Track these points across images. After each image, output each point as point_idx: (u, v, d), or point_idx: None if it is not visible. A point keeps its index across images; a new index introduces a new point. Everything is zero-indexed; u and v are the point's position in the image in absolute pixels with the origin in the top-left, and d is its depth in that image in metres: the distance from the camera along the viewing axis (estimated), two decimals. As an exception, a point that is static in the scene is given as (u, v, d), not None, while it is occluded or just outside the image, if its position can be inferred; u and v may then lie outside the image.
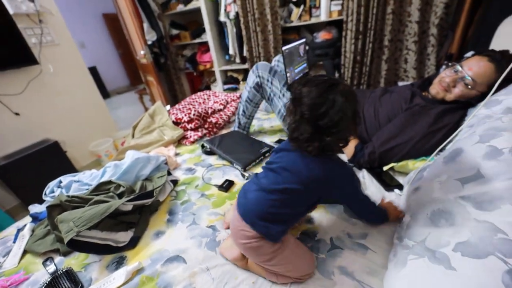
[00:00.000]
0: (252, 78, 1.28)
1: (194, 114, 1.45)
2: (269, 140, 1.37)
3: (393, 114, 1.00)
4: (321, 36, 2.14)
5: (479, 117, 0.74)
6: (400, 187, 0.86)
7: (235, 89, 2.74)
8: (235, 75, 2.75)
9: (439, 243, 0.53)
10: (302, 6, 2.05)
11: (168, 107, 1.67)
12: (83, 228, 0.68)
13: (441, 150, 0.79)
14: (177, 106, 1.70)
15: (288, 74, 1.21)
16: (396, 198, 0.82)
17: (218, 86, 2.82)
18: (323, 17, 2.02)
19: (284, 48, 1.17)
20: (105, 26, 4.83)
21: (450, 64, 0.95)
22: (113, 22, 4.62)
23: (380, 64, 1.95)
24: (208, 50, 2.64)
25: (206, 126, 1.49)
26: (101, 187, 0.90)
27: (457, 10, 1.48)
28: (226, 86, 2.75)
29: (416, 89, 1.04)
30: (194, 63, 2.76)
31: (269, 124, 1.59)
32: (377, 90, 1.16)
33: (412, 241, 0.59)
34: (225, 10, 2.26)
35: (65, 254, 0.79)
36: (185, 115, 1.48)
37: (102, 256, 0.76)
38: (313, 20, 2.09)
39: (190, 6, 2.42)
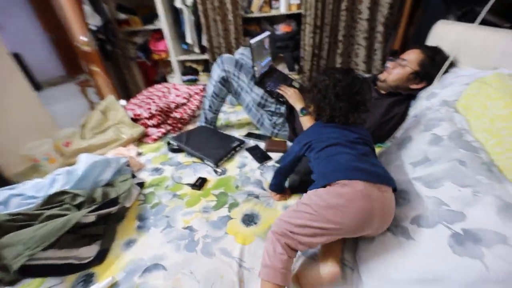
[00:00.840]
0: (217, 72, 1.23)
1: (155, 110, 1.34)
2: (238, 133, 1.36)
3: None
4: (281, 28, 2.18)
5: (422, 109, 0.87)
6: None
7: (195, 81, 2.61)
8: (194, 65, 2.62)
9: (400, 218, 0.62)
10: (262, -3, 2.04)
11: (123, 101, 1.51)
12: (37, 249, 0.59)
13: (392, 137, 0.91)
14: (133, 100, 1.55)
15: (255, 68, 1.21)
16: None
17: (175, 78, 2.65)
18: (282, 10, 2.05)
19: (252, 41, 1.16)
20: (30, 5, 4.01)
21: (391, 59, 1.10)
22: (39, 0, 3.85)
23: (335, 57, 2.09)
24: (162, 37, 2.43)
25: (169, 122, 1.40)
26: (53, 199, 0.78)
27: (399, 11, 1.66)
28: (185, 78, 2.60)
29: (371, 83, 1.16)
30: (147, 51, 2.52)
31: (236, 117, 1.58)
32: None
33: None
34: (181, -5, 2.10)
35: (12, 283, 0.67)
36: (145, 110, 1.36)
37: (64, 278, 0.67)
38: (273, 12, 2.10)
39: (140, -13, 2.17)
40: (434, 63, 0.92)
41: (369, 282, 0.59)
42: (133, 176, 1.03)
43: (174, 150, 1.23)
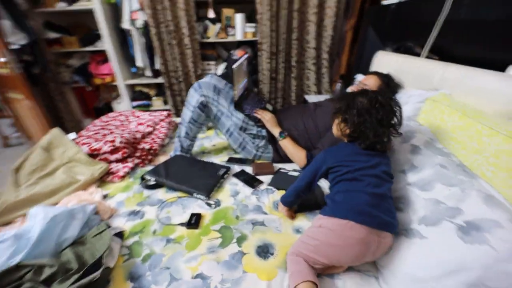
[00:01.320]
0: (195, 98, 1.18)
1: (120, 142, 1.16)
2: (217, 160, 1.30)
3: (329, 124, 1.20)
4: (238, 53, 2.26)
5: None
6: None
7: (148, 106, 2.41)
8: (145, 90, 2.41)
9: (406, 222, 0.70)
10: (218, 24, 2.09)
11: (72, 135, 1.25)
12: None
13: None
14: (84, 133, 1.30)
15: (235, 92, 1.21)
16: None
17: (123, 103, 2.37)
18: (239, 37, 2.15)
19: (234, 66, 1.17)
20: None
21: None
22: None
23: (290, 81, 2.29)
24: (106, 60, 2.18)
25: (137, 154, 1.23)
26: (4, 280, 0.56)
27: (340, 42, 1.98)
28: (135, 103, 2.36)
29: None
30: (87, 75, 2.20)
31: (210, 142, 1.51)
32: (309, 104, 1.36)
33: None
34: (130, 17, 1.96)
35: None
36: (105, 143, 1.16)
37: None
38: (230, 39, 2.18)
39: (78, 6, 1.92)
40: (389, 88, 1.12)
41: (397, 286, 0.63)
42: (108, 227, 0.84)
43: (150, 187, 1.07)
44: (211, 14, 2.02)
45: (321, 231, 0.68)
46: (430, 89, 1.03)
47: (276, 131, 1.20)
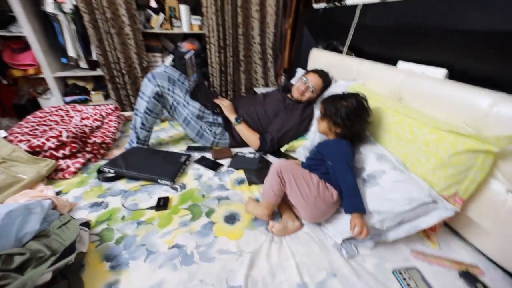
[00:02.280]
0: (150, 88, 1.19)
1: (67, 136, 1.09)
2: (176, 149, 1.35)
3: (277, 110, 1.38)
4: (186, 46, 2.26)
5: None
6: (296, 159, 1.26)
7: (85, 101, 2.18)
8: (81, 83, 2.18)
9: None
10: (162, 15, 2.04)
11: (2, 132, 1.10)
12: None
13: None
14: (17, 130, 1.16)
15: (190, 82, 1.27)
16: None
17: (54, 99, 2.09)
18: (185, 29, 2.15)
19: (186, 56, 1.22)
20: None
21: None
22: None
23: (240, 74, 2.42)
24: (25, 48, 1.87)
25: (88, 149, 1.17)
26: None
27: (281, 39, 2.20)
28: (69, 98, 2.11)
29: (282, 93, 1.50)
30: (1, 66, 1.85)
31: (166, 134, 1.53)
32: (259, 95, 1.52)
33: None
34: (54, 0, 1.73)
35: None
36: (47, 139, 1.07)
37: None
38: (176, 30, 2.15)
39: (-19, -19, 1.59)
40: (327, 85, 1.37)
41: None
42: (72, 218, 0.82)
43: (108, 179, 1.06)
44: (152, 3, 1.96)
45: (317, 192, 0.82)
46: (350, 79, 1.32)
47: (232, 116, 1.32)
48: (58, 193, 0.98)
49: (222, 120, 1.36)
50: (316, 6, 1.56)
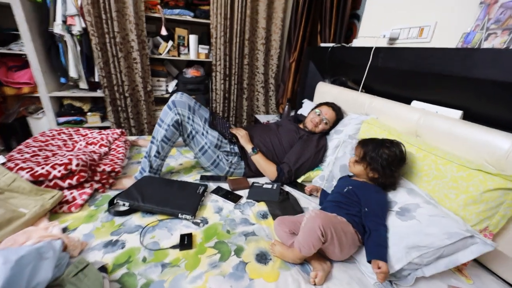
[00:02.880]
0: (170, 116, 1.16)
1: (77, 164, 1.00)
2: (189, 178, 1.29)
3: (292, 141, 1.40)
4: (191, 72, 2.29)
5: (338, 141, 1.32)
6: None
7: (81, 122, 2.07)
8: (77, 104, 2.08)
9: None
10: (171, 42, 2.08)
11: (1, 158, 0.98)
12: None
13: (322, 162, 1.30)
14: (17, 155, 1.04)
15: (210, 112, 1.26)
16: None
17: (45, 119, 1.96)
18: (192, 57, 2.19)
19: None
20: None
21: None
22: None
23: (242, 101, 2.47)
24: (23, 67, 1.78)
25: (97, 178, 1.08)
26: None
27: (285, 72, 2.31)
28: (63, 119, 1.99)
29: (295, 123, 1.54)
30: (-8, 83, 1.72)
31: (176, 162, 1.47)
32: (271, 124, 1.54)
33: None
34: (64, 21, 1.71)
35: None
36: (53, 167, 0.97)
37: None
38: (183, 57, 2.19)
39: (-13, -2, 1.53)
40: (339, 119, 1.43)
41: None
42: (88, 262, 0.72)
43: (121, 213, 0.97)
44: (163, 31, 2.00)
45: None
46: (362, 114, 1.39)
47: (249, 146, 1.31)
48: (64, 230, 0.87)
49: (238, 150, 1.35)
50: (323, 45, 1.69)
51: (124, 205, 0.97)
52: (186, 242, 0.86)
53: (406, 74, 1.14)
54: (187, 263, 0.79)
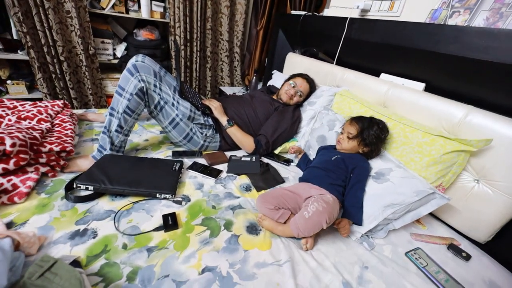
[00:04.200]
0: (133, 83, 0.99)
1: (13, 144, 0.78)
2: (160, 155, 1.17)
3: (268, 113, 1.37)
4: (144, 34, 1.97)
5: (314, 112, 1.35)
6: (290, 160, 1.29)
7: (0, 93, 1.62)
8: (-13, 68, 1.59)
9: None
10: (116, -6, 1.71)
11: None
12: None
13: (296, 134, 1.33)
14: None
15: (180, 79, 1.11)
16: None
17: None
18: (144, 15, 1.87)
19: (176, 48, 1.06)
20: None
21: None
22: None
23: (206, 71, 2.27)
24: None
25: (43, 160, 0.87)
26: None
27: (252, 40, 2.18)
28: (-32, 88, 1.52)
29: (269, 95, 1.50)
30: None
31: (140, 138, 1.30)
32: (245, 95, 1.47)
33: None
34: None
35: None
36: (-25, 149, 0.74)
37: None
38: (132, 15, 1.84)
39: None
40: (312, 91, 1.44)
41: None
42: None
43: (82, 199, 0.82)
44: (106, -22, 1.62)
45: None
46: (333, 85, 1.44)
47: (224, 118, 1.24)
48: (9, 226, 0.70)
49: (212, 122, 1.26)
50: (294, 12, 1.62)
51: (87, 189, 0.82)
52: (170, 222, 0.79)
53: (376, 46, 1.19)
54: (176, 243, 0.74)
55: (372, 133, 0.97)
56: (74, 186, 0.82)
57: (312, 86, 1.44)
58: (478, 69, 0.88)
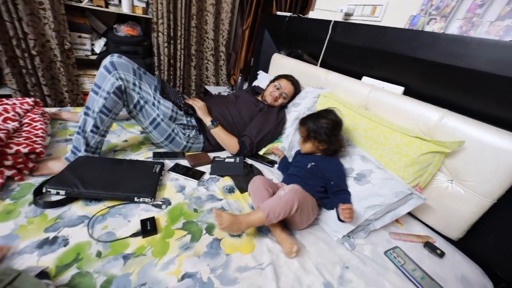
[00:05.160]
0: (110, 81, 0.94)
1: (-28, 146, 0.71)
2: (139, 157, 1.12)
3: (252, 114, 1.36)
4: (124, 30, 1.89)
5: (298, 113, 1.35)
6: (274, 162, 1.29)
7: (-42, 88, 1.48)
8: None
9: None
10: (94, -14, 1.62)
11: None
12: None
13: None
14: None
15: (162, 75, 1.07)
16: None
17: None
18: (125, 10, 1.79)
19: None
20: None
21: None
22: None
23: (190, 70, 2.22)
24: None
25: (9, 163, 0.81)
26: None
27: (236, 38, 2.16)
28: None
29: (253, 96, 1.49)
30: None
31: (119, 138, 1.24)
32: (230, 95, 1.45)
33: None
34: None
35: None
36: None
37: None
38: (112, 9, 1.76)
39: None
40: (297, 93, 1.44)
41: (331, 222, 0.92)
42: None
43: (52, 204, 0.77)
44: (82, -31, 1.53)
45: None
46: (317, 87, 1.45)
47: (208, 119, 1.21)
48: (-33, 235, 0.64)
49: (196, 122, 1.23)
50: (280, 13, 1.62)
51: (58, 193, 0.77)
52: (149, 227, 0.76)
53: (359, 50, 1.21)
54: (154, 249, 0.71)
55: (320, 129, 0.97)
56: (44, 190, 0.77)
57: (297, 88, 1.45)
58: (452, 75, 0.92)
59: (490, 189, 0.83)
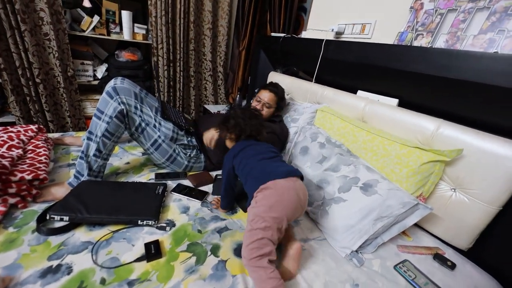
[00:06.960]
0: (112, 106, 0.97)
1: (-23, 176, 0.72)
2: (142, 178, 1.13)
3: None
4: (125, 55, 1.97)
5: (298, 128, 1.38)
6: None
7: (-37, 118, 1.51)
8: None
9: (331, 194, 1.00)
10: (97, 17, 1.71)
11: None
12: None
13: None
14: None
15: (162, 97, 1.10)
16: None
17: None
18: (127, 37, 1.87)
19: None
20: None
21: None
22: None
23: (189, 90, 2.28)
24: None
25: (13, 191, 0.81)
26: None
27: (232, 59, 2.24)
28: None
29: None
30: None
31: (121, 161, 1.25)
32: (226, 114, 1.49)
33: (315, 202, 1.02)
34: None
35: None
36: None
37: None
38: (114, 37, 1.84)
39: None
40: (281, 96, 1.45)
41: (339, 236, 0.90)
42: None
43: (56, 231, 0.77)
44: (86, 2, 1.62)
45: (257, 213, 0.74)
46: (314, 102, 1.49)
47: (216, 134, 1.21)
48: (-31, 267, 0.63)
49: (196, 142, 1.24)
50: (274, 34, 1.70)
51: (62, 219, 0.77)
52: (153, 251, 0.75)
53: (352, 66, 1.26)
54: (159, 274, 0.70)
55: (223, 123, 1.01)
56: (47, 217, 0.76)
57: (278, 92, 1.43)
58: (443, 86, 0.95)
59: (493, 196, 0.83)
